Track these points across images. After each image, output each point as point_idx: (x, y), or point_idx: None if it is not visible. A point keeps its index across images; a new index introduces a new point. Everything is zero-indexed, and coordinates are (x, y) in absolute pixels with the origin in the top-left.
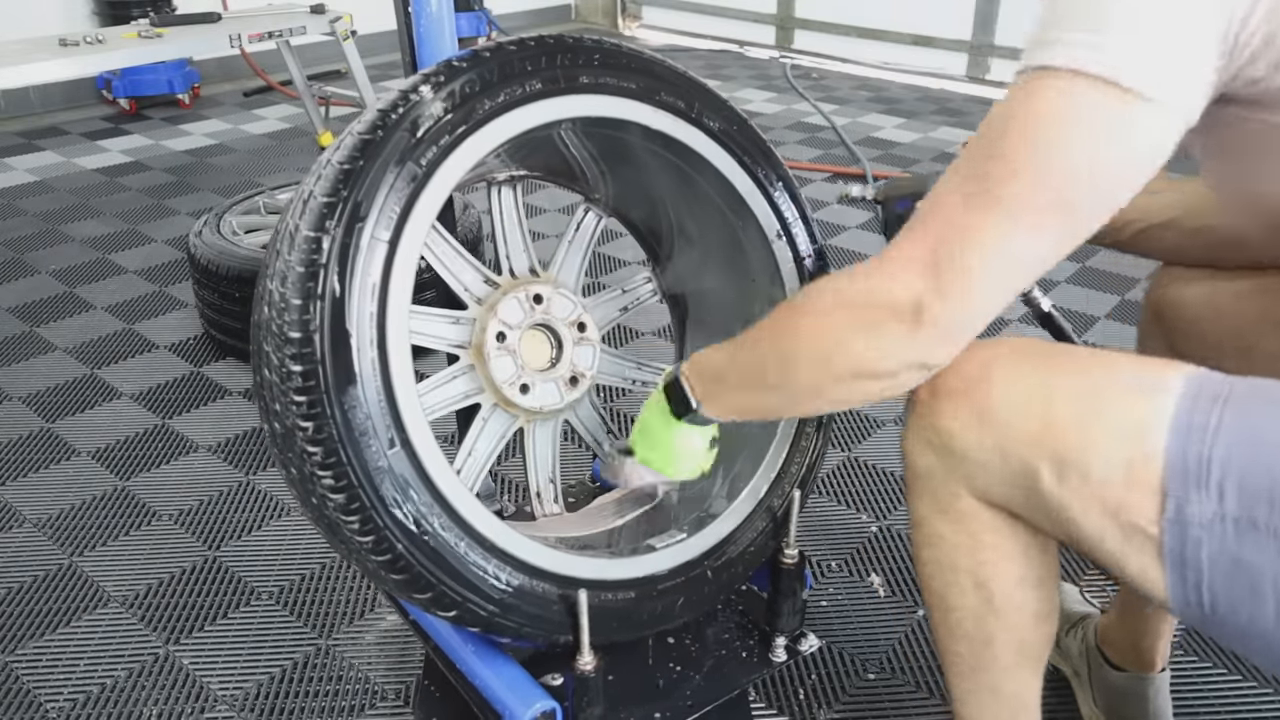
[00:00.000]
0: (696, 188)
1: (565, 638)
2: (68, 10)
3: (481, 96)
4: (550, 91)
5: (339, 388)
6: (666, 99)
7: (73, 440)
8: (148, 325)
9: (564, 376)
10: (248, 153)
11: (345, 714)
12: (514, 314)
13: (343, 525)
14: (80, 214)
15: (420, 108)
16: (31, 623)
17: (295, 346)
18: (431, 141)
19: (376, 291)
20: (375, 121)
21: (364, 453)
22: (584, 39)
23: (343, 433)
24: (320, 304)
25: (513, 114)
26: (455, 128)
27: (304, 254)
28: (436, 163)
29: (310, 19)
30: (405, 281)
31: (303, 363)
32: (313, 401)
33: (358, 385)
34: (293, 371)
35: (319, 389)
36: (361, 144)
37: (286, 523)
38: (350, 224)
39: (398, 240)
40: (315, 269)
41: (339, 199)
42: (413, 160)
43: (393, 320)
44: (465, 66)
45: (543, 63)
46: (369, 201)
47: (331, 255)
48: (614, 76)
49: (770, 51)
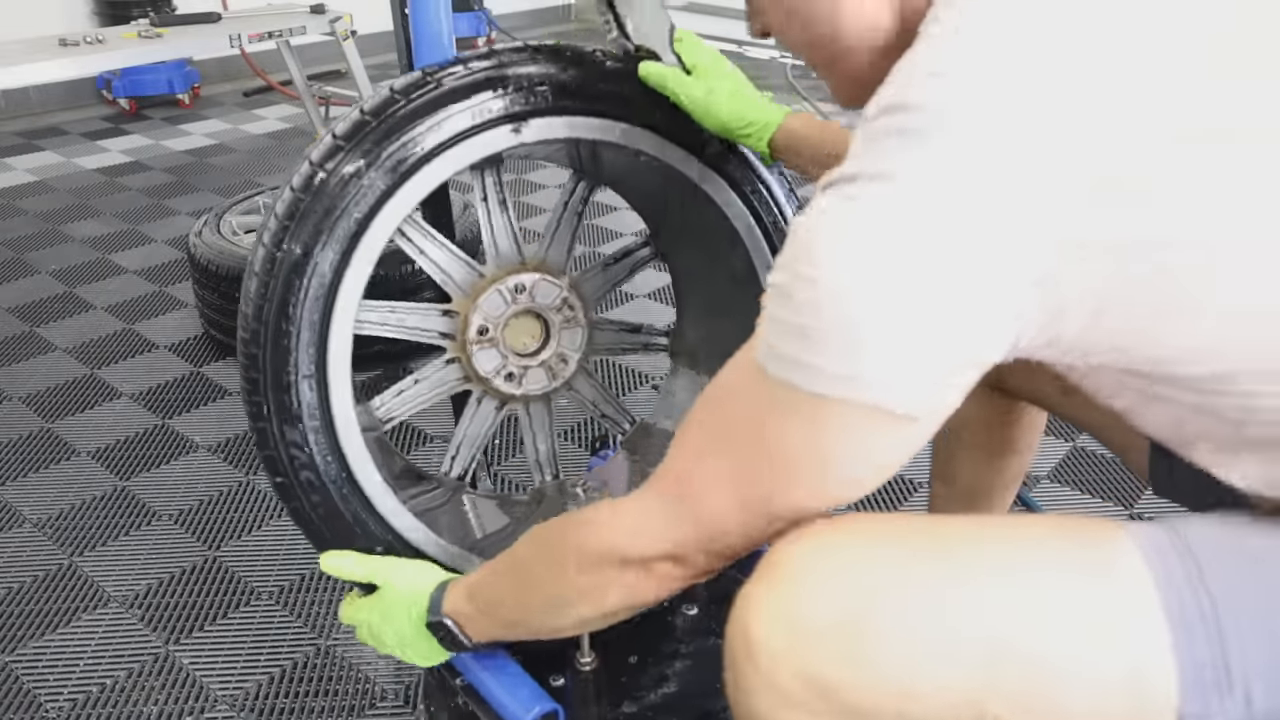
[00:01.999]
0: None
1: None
2: (68, 10)
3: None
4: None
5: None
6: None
7: (73, 440)
8: (147, 325)
9: (552, 359)
10: (248, 153)
11: (345, 714)
12: (496, 307)
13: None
14: (80, 214)
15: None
16: (31, 623)
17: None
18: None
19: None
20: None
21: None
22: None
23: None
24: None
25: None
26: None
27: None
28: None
29: (310, 19)
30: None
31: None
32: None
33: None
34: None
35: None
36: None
37: (286, 523)
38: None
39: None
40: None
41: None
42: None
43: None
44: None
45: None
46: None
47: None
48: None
49: (770, 51)
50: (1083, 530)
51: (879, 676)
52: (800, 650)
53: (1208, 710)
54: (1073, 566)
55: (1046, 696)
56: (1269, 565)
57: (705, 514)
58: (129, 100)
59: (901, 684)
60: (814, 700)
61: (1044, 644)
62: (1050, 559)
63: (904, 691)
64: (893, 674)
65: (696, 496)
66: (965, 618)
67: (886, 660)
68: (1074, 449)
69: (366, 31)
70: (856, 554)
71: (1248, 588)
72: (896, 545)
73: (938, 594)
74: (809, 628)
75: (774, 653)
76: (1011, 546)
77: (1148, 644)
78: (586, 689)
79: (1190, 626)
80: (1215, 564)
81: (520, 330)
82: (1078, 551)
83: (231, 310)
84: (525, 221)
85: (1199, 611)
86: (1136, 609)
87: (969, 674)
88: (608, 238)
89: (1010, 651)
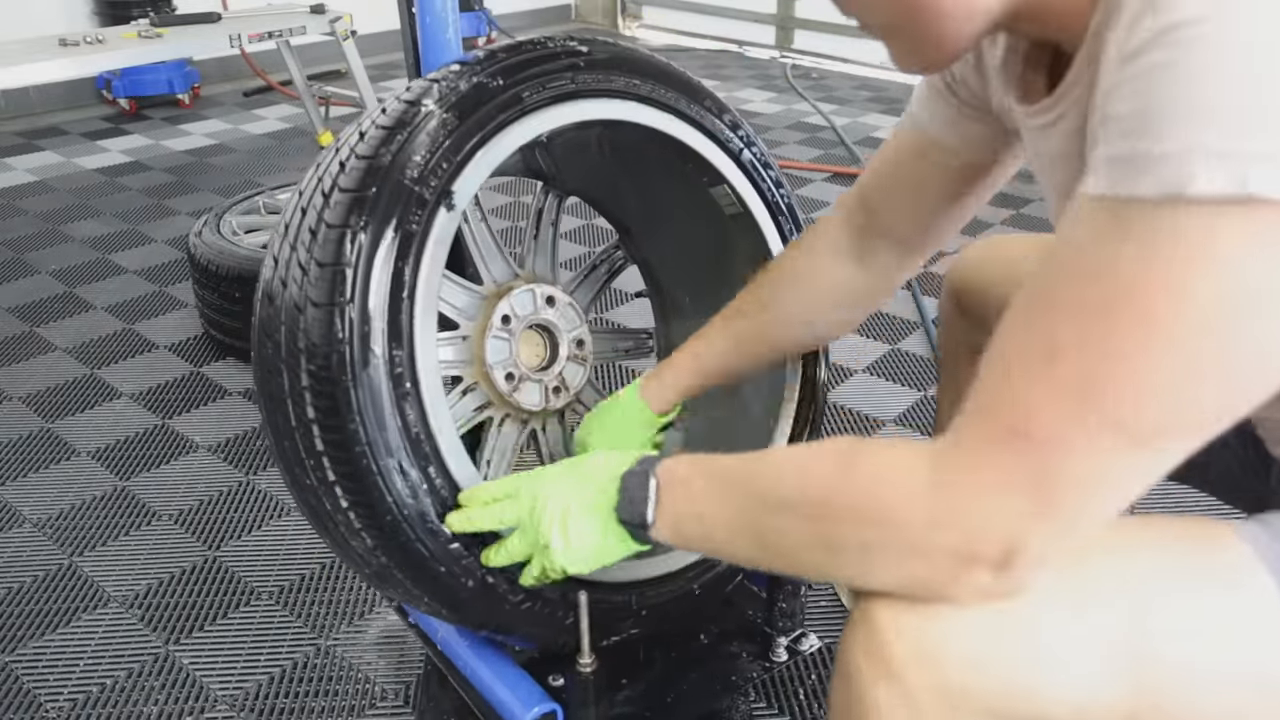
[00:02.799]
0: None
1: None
2: (68, 10)
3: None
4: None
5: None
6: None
7: (73, 440)
8: (148, 325)
9: (565, 371)
10: (248, 153)
11: (344, 714)
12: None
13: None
14: (80, 214)
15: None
16: (31, 623)
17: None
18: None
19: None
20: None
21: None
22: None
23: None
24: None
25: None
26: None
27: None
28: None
29: (310, 19)
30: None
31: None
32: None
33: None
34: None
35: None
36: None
37: (286, 523)
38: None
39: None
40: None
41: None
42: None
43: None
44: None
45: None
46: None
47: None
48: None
49: (770, 51)
50: (1200, 534)
51: (1016, 687)
52: (933, 660)
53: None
54: (1198, 573)
55: (1189, 704)
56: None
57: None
58: (129, 100)
59: (1041, 694)
60: (946, 712)
61: (1182, 651)
62: (1177, 567)
63: (1043, 701)
64: (1032, 686)
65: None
66: (1103, 628)
67: (1025, 672)
68: None
69: (366, 31)
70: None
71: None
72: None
73: (1076, 604)
74: (941, 638)
75: (906, 661)
76: (1140, 555)
77: (1274, 640)
78: (586, 690)
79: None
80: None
81: (530, 346)
82: (1200, 557)
83: (231, 310)
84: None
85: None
86: (1260, 608)
87: (1113, 684)
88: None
89: (1154, 661)
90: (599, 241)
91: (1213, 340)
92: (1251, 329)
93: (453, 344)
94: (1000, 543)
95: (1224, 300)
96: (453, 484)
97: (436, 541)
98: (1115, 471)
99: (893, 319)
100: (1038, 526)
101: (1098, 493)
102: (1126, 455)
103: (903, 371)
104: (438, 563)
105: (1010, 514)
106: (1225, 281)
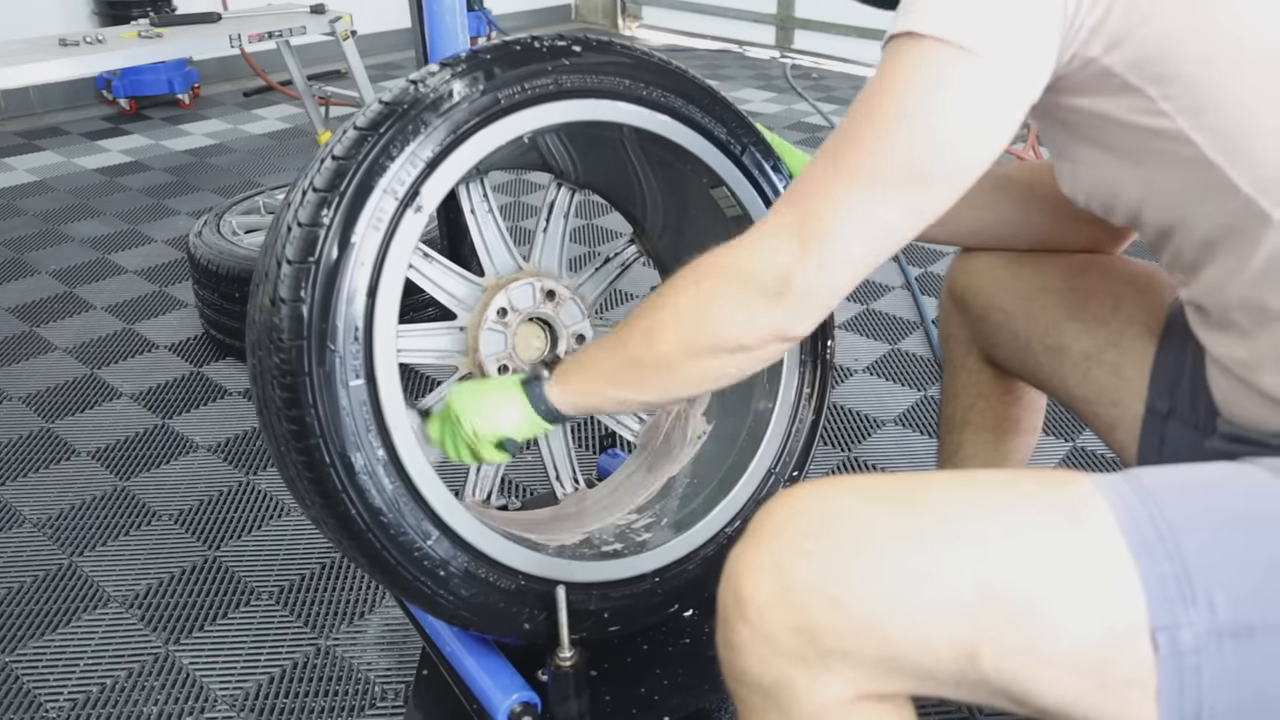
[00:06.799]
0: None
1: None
2: (68, 10)
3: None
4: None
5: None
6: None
7: (73, 440)
8: (148, 325)
9: None
10: (248, 153)
11: (344, 714)
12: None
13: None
14: (80, 214)
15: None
16: (31, 623)
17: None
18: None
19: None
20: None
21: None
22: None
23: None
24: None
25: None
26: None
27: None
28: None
29: (310, 19)
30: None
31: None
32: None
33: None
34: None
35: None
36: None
37: (286, 523)
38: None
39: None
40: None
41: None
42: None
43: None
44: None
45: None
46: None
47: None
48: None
49: (770, 51)
50: (1050, 479)
51: (867, 621)
52: (788, 600)
53: (1175, 620)
54: (1044, 510)
55: (1031, 634)
56: (1226, 490)
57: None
58: (129, 100)
59: (889, 628)
60: (804, 648)
61: (1025, 584)
62: (1023, 505)
63: (892, 635)
64: (880, 618)
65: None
66: (949, 563)
67: (874, 605)
68: (1074, 449)
69: (366, 31)
70: (840, 506)
71: (1204, 508)
72: (878, 498)
73: (921, 541)
74: (796, 577)
75: (763, 604)
76: (987, 496)
77: (1115, 571)
78: (566, 684)
79: (1150, 547)
80: (1172, 496)
81: (530, 339)
82: (1047, 497)
83: (231, 310)
84: (523, 222)
85: (1157, 534)
86: (1102, 542)
87: (957, 616)
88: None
89: (995, 593)
90: (599, 241)
91: (909, 121)
92: (935, 109)
93: (449, 334)
94: (774, 273)
95: (911, 93)
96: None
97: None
98: (867, 214)
99: (893, 319)
100: (802, 257)
101: (853, 231)
102: (876, 201)
103: (903, 371)
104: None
105: (781, 250)
106: (912, 83)
